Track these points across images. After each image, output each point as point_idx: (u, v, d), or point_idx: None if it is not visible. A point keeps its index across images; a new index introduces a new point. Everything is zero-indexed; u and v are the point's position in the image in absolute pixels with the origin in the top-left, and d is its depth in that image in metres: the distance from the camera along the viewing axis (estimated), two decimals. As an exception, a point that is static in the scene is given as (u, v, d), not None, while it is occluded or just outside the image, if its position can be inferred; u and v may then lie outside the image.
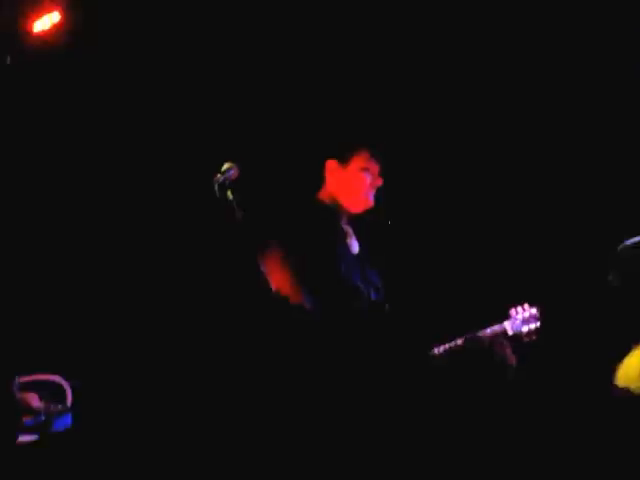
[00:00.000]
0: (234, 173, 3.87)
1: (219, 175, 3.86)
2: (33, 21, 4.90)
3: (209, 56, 5.40)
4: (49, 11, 4.88)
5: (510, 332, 4.35)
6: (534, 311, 4.39)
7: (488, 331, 4.34)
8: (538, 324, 4.37)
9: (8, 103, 5.08)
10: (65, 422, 4.36)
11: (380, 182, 4.39)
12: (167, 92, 5.37)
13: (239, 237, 3.80)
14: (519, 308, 4.41)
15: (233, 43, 5.41)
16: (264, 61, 5.48)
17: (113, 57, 5.26)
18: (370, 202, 4.39)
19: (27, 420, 4.32)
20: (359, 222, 4.47)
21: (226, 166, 3.88)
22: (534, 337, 4.38)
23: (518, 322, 4.37)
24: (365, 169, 4.37)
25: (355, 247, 4.42)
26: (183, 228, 5.29)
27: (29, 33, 4.91)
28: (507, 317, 4.40)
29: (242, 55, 5.44)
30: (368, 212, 4.44)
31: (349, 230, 4.44)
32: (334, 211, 4.39)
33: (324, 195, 4.42)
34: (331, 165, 4.40)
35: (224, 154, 3.98)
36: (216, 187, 3.85)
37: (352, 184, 4.37)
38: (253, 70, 5.46)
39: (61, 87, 5.22)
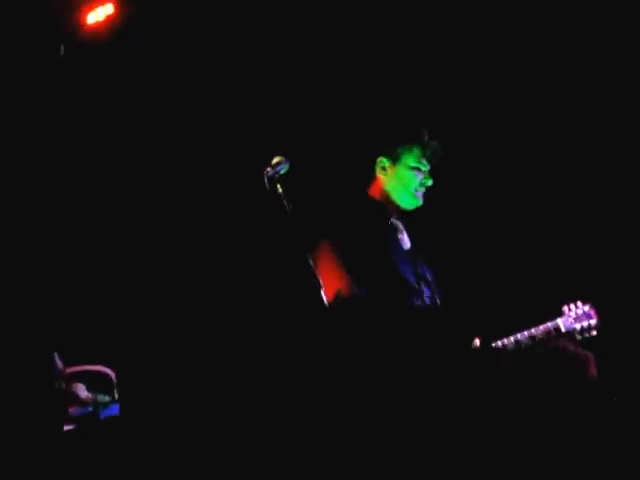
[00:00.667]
0: (284, 167, 3.86)
1: (269, 169, 3.86)
2: (86, 13, 4.93)
3: (263, 50, 5.39)
4: (102, 3, 4.91)
5: (563, 329, 4.29)
6: (587, 308, 4.31)
7: (541, 328, 4.29)
8: (592, 321, 4.30)
9: (62, 93, 5.12)
10: (112, 412, 4.38)
11: (430, 181, 4.37)
12: (218, 85, 5.37)
13: (288, 230, 3.78)
14: (572, 305, 4.33)
15: (287, 39, 5.39)
16: (318, 57, 5.46)
17: (164, 50, 5.27)
18: (419, 201, 4.37)
19: (75, 410, 4.35)
20: (410, 218, 4.44)
21: (276, 160, 3.87)
22: (588, 335, 4.30)
23: (571, 319, 4.30)
24: (415, 168, 4.35)
25: (406, 243, 4.39)
26: (233, 221, 5.29)
27: (82, 25, 4.94)
28: (560, 314, 4.33)
29: (295, 51, 5.42)
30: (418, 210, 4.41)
31: (399, 225, 4.42)
32: (384, 207, 4.38)
33: (374, 191, 4.42)
34: (382, 162, 4.39)
35: (274, 148, 3.97)
36: (266, 180, 3.84)
37: (402, 182, 4.35)
38: (307, 66, 5.44)
39: (113, 78, 5.24)
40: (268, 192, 3.83)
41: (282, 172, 3.85)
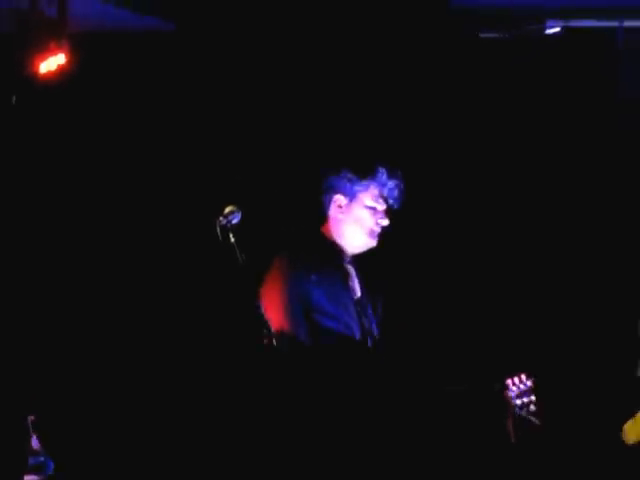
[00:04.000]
0: (237, 216, 3.84)
1: (221, 218, 3.83)
2: (39, 63, 4.94)
3: (211, 100, 5.41)
4: (55, 53, 4.93)
5: None
6: (530, 383, 4.17)
7: None
8: (533, 397, 4.17)
9: (12, 142, 5.14)
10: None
11: (386, 222, 4.26)
12: (169, 135, 5.40)
13: (240, 280, 3.78)
14: (516, 379, 4.18)
15: (238, 85, 5.43)
16: (267, 99, 5.47)
17: (117, 97, 5.31)
18: (373, 242, 4.27)
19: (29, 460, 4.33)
20: (361, 264, 4.36)
21: (228, 209, 3.85)
22: (527, 410, 4.16)
23: (514, 395, 4.15)
24: (371, 207, 4.24)
25: (357, 291, 4.32)
26: (184, 271, 5.29)
27: (35, 74, 4.96)
28: (504, 388, 4.18)
29: (246, 95, 5.44)
30: (370, 253, 4.33)
31: (352, 272, 4.32)
32: (338, 248, 4.27)
33: (328, 230, 4.30)
34: (338, 200, 4.27)
35: (226, 196, 3.98)
36: (218, 230, 3.82)
37: (357, 220, 4.24)
38: (255, 107, 5.45)
39: (64, 126, 5.27)
40: (220, 242, 3.81)
41: (234, 222, 3.82)
